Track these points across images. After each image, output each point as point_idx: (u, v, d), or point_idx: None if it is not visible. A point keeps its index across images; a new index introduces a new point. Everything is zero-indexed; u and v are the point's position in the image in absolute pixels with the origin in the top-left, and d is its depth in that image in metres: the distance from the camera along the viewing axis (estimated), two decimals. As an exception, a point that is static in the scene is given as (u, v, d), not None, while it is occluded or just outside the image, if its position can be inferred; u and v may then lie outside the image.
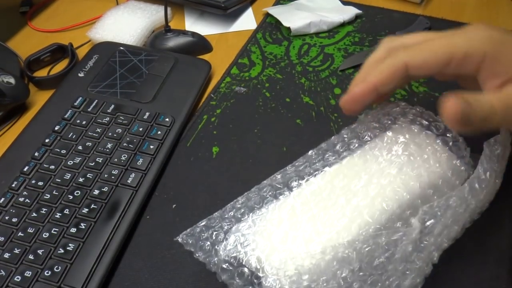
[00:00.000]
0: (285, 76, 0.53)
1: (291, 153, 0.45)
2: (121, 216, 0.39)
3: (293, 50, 0.57)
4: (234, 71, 0.54)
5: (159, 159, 0.43)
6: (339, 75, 0.53)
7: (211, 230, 0.34)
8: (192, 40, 0.57)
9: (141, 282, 0.36)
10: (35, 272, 0.35)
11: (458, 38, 0.32)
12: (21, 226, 0.38)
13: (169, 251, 0.38)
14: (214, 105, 0.50)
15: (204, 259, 0.33)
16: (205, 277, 0.36)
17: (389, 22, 0.60)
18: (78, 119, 0.46)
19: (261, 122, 0.48)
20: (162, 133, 0.45)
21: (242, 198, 0.36)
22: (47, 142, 0.44)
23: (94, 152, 0.43)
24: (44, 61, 0.56)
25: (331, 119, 0.48)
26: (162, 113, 0.47)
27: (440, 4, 0.63)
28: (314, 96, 0.51)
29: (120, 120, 0.46)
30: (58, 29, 0.62)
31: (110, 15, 0.61)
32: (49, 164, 0.42)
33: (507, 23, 0.59)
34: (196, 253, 0.33)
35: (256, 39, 0.59)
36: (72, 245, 0.37)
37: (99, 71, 0.52)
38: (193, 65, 0.53)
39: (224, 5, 0.59)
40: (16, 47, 0.58)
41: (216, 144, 0.46)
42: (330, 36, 0.59)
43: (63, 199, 0.40)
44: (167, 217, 0.41)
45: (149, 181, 0.42)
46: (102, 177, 0.41)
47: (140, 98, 0.49)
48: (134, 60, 0.53)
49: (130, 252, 0.38)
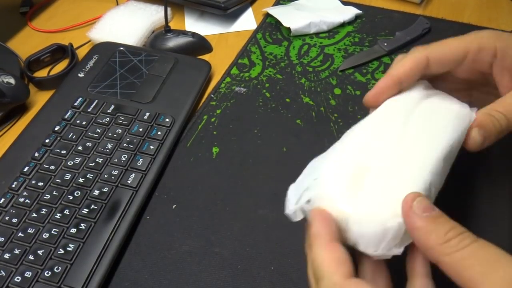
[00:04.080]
0: (285, 76, 0.53)
1: (291, 153, 0.45)
2: (121, 217, 0.39)
3: (293, 51, 0.57)
4: (234, 71, 0.54)
5: (159, 160, 0.43)
6: (339, 75, 0.53)
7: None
8: (192, 40, 0.57)
9: (141, 282, 0.36)
10: (35, 272, 0.35)
11: (470, 37, 0.35)
12: (21, 226, 0.38)
13: (169, 251, 0.38)
14: (214, 105, 0.50)
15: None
16: (205, 277, 0.37)
17: (389, 22, 0.60)
18: (78, 120, 0.46)
19: (261, 122, 0.48)
20: (162, 133, 0.45)
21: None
22: (47, 143, 0.44)
23: (94, 152, 0.43)
24: (44, 62, 0.56)
25: (331, 119, 0.48)
26: (162, 114, 0.47)
27: (440, 4, 0.63)
28: (314, 96, 0.51)
29: (120, 120, 0.46)
30: (58, 30, 0.62)
31: (110, 15, 0.61)
32: (49, 164, 0.42)
33: (507, 23, 0.59)
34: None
35: (256, 39, 0.59)
36: (72, 246, 0.37)
37: (99, 72, 0.52)
38: (193, 65, 0.53)
39: (224, 5, 0.59)
40: (16, 47, 0.58)
41: (216, 144, 0.46)
42: (330, 36, 0.59)
43: (63, 200, 0.40)
44: (167, 217, 0.41)
45: (149, 181, 0.42)
46: (102, 177, 0.41)
47: (140, 98, 0.49)
48: (134, 60, 0.53)
49: (130, 252, 0.38)
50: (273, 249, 0.38)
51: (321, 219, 0.28)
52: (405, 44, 0.56)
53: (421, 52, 0.35)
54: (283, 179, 0.43)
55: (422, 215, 0.26)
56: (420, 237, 0.26)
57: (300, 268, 0.37)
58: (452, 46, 0.35)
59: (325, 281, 0.25)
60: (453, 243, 0.24)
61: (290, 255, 0.38)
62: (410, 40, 0.56)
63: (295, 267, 0.37)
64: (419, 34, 0.57)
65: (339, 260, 0.26)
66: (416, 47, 0.36)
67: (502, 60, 0.34)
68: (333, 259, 0.26)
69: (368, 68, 0.54)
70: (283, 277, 0.36)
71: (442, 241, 0.25)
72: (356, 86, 0.52)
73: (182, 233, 0.39)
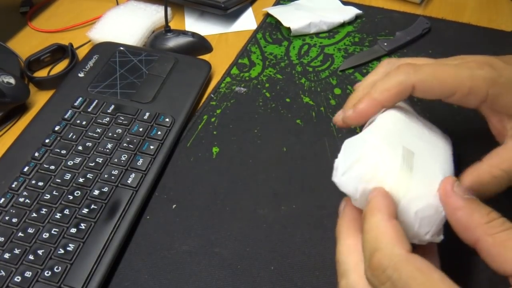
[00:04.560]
0: (285, 76, 0.53)
1: (291, 153, 0.45)
2: (121, 216, 0.39)
3: (293, 50, 0.57)
4: (234, 71, 0.54)
5: (159, 159, 0.43)
6: (339, 75, 0.53)
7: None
8: (192, 40, 0.57)
9: (141, 282, 0.36)
10: (35, 272, 0.35)
11: (464, 72, 0.32)
12: (21, 226, 0.38)
13: (169, 251, 0.38)
14: (214, 105, 0.50)
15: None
16: (205, 277, 0.37)
17: (389, 22, 0.60)
18: (78, 119, 0.46)
19: (261, 122, 0.48)
20: (162, 133, 0.45)
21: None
22: (47, 142, 0.44)
23: (94, 152, 0.43)
24: (44, 62, 0.56)
25: (331, 119, 0.48)
26: (162, 113, 0.47)
27: (440, 4, 0.63)
28: (314, 96, 0.51)
29: (120, 120, 0.46)
30: (58, 30, 0.62)
31: (110, 15, 0.61)
32: (49, 164, 0.42)
33: (507, 23, 0.59)
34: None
35: (256, 39, 0.59)
36: (72, 246, 0.37)
37: (99, 71, 0.52)
38: (193, 65, 0.53)
39: (224, 5, 0.59)
40: (16, 47, 0.58)
41: (216, 144, 0.46)
42: (330, 36, 0.59)
43: (63, 200, 0.40)
44: (167, 217, 0.41)
45: (149, 181, 0.42)
46: (102, 177, 0.41)
47: (140, 98, 0.49)
48: (134, 60, 0.53)
49: (130, 252, 0.38)
50: (273, 249, 0.38)
51: (383, 195, 0.27)
52: (405, 44, 0.56)
53: (408, 77, 0.32)
54: (283, 179, 0.44)
55: (464, 196, 0.26)
56: (462, 217, 0.26)
57: (300, 268, 0.37)
58: (442, 80, 0.32)
59: (382, 252, 0.25)
60: (496, 223, 0.25)
61: (290, 255, 0.38)
62: (410, 40, 0.56)
63: (295, 267, 0.37)
64: (419, 34, 0.57)
65: (401, 235, 0.25)
66: (405, 64, 0.33)
67: (491, 104, 0.32)
68: (394, 233, 0.25)
69: (368, 68, 0.54)
70: (283, 277, 0.36)
71: (485, 221, 0.25)
72: (356, 86, 0.52)
73: (182, 233, 0.39)
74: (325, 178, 0.43)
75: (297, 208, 0.41)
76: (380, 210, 0.26)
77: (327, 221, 0.40)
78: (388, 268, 0.24)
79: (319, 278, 0.36)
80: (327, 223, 0.39)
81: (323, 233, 0.39)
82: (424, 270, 0.23)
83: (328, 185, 0.42)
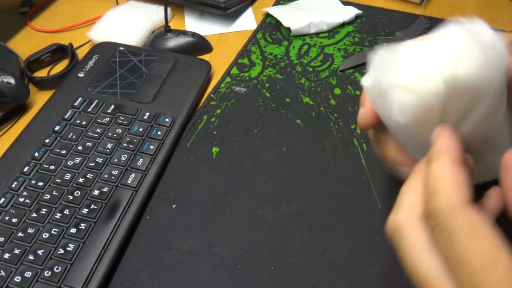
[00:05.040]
0: (285, 76, 0.53)
1: (291, 153, 0.45)
2: (121, 216, 0.39)
3: (293, 50, 0.57)
4: (234, 71, 0.54)
5: (159, 159, 0.43)
6: (339, 75, 0.53)
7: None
8: (192, 40, 0.57)
9: (141, 282, 0.36)
10: (35, 272, 0.35)
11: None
12: (21, 226, 0.38)
13: (169, 251, 0.38)
14: (214, 105, 0.50)
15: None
16: (205, 277, 0.37)
17: (389, 22, 0.60)
18: (78, 119, 0.46)
19: (261, 122, 0.48)
20: (162, 133, 0.45)
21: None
22: (47, 142, 0.44)
23: (94, 152, 0.43)
24: (44, 61, 0.56)
25: (331, 119, 0.48)
26: (162, 113, 0.47)
27: (440, 4, 0.63)
28: (314, 96, 0.51)
29: (120, 120, 0.46)
30: (58, 29, 0.62)
31: (110, 15, 0.61)
32: (49, 164, 0.42)
33: (507, 23, 0.59)
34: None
35: (256, 39, 0.59)
36: (72, 246, 0.37)
37: (99, 71, 0.52)
38: (193, 65, 0.53)
39: (224, 5, 0.59)
40: (16, 47, 0.58)
41: (216, 144, 0.46)
42: (330, 36, 0.59)
43: (63, 200, 0.40)
44: (167, 217, 0.41)
45: (149, 181, 0.42)
46: (102, 177, 0.41)
47: (140, 98, 0.49)
48: (134, 60, 0.53)
49: (130, 252, 0.38)
50: (273, 249, 0.38)
51: (450, 137, 0.26)
52: (405, 44, 0.56)
53: None
54: (283, 179, 0.44)
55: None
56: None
57: (300, 268, 0.37)
58: None
59: (439, 198, 0.24)
60: None
61: (290, 255, 0.38)
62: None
63: (295, 267, 0.37)
64: (419, 34, 0.57)
65: (463, 182, 0.24)
66: None
67: None
68: (457, 180, 0.24)
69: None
70: (283, 277, 0.36)
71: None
72: (356, 86, 0.51)
73: (182, 233, 0.39)
74: (325, 178, 0.43)
75: (297, 208, 0.41)
76: (446, 154, 0.26)
77: (327, 221, 0.40)
78: (440, 215, 0.24)
79: (319, 278, 0.36)
80: (327, 223, 0.39)
81: (323, 233, 0.39)
82: (475, 224, 0.23)
83: (328, 185, 0.42)
